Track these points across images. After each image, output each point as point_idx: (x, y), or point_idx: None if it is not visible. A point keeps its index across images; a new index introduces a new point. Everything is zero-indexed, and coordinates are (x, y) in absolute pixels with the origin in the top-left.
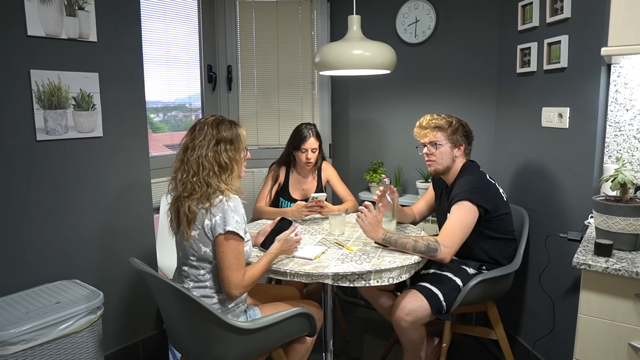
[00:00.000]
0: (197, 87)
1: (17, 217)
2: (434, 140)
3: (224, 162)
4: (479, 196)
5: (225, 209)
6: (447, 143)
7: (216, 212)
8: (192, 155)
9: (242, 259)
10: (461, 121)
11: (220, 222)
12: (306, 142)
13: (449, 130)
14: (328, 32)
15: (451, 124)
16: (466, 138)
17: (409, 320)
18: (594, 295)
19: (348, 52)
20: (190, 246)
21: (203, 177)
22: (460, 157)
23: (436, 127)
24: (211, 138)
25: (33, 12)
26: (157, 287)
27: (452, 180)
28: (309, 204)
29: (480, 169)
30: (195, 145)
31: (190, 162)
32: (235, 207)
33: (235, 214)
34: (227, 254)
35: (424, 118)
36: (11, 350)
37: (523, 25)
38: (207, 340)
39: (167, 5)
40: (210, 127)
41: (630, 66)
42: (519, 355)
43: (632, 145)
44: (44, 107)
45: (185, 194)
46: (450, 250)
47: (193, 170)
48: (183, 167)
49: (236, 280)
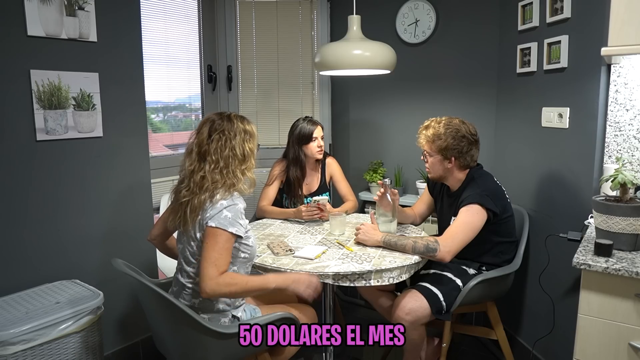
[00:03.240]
0: (197, 87)
1: (17, 217)
2: (425, 150)
3: (246, 153)
4: (489, 200)
5: (223, 203)
6: (436, 155)
7: (213, 207)
8: (224, 148)
9: (225, 256)
10: (455, 131)
11: (213, 214)
12: (315, 131)
13: (437, 142)
14: (328, 32)
15: (439, 136)
16: (458, 151)
17: (409, 320)
18: (594, 295)
19: (348, 52)
20: (198, 245)
21: (232, 169)
22: (456, 168)
23: (424, 137)
24: (240, 130)
25: (33, 12)
26: (138, 290)
27: (457, 187)
28: (310, 207)
29: (488, 173)
30: (227, 137)
31: (221, 155)
32: (233, 204)
33: (229, 211)
34: (209, 247)
35: (423, 124)
36: (11, 350)
37: (523, 25)
38: (188, 343)
39: (167, 5)
40: (237, 120)
41: (630, 66)
42: (519, 355)
43: (632, 145)
44: (44, 107)
45: (207, 185)
46: (450, 250)
47: (223, 163)
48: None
49: (210, 273)
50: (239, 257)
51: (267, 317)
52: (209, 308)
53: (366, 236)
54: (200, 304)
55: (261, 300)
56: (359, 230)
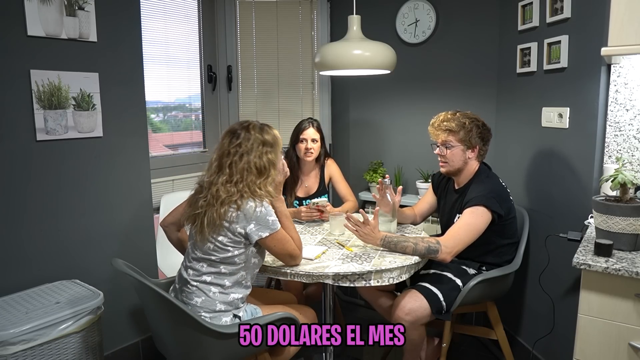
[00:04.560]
0: (197, 87)
1: (17, 217)
2: (446, 141)
3: (263, 165)
4: (495, 202)
5: (259, 215)
6: (459, 145)
7: (250, 220)
8: (240, 161)
9: (288, 241)
10: (476, 121)
11: (255, 229)
12: (304, 132)
13: (462, 132)
14: (328, 32)
15: (464, 125)
16: (481, 139)
17: (409, 320)
18: (594, 295)
19: (348, 52)
20: (214, 248)
21: (247, 183)
22: (474, 159)
23: (447, 129)
24: (258, 142)
25: (33, 12)
26: (138, 290)
27: (464, 182)
28: (310, 209)
29: (495, 174)
30: (243, 151)
31: (237, 168)
32: (267, 210)
33: (268, 215)
34: (277, 248)
35: (437, 117)
36: (11, 350)
37: (523, 25)
38: (188, 343)
39: (167, 5)
40: (255, 131)
41: (630, 66)
42: (519, 355)
43: (632, 145)
44: (44, 107)
45: (224, 198)
46: (452, 251)
47: (239, 176)
48: (224, 171)
49: (294, 253)
50: (250, 263)
51: (268, 317)
52: (210, 307)
53: (365, 237)
54: (203, 302)
55: (262, 300)
56: (359, 228)
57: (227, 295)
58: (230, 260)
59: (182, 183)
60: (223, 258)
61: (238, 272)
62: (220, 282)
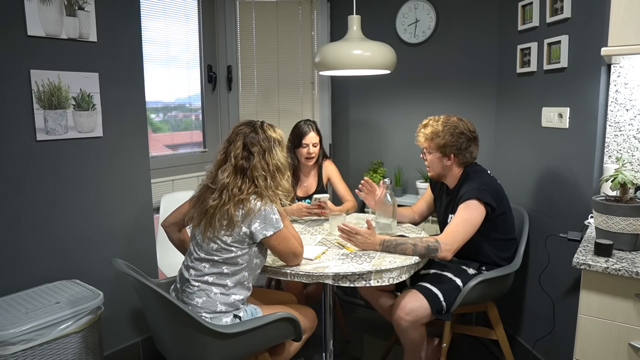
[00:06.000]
0: (197, 87)
1: (17, 217)
2: (426, 147)
3: (282, 164)
4: (486, 194)
5: (264, 214)
6: (435, 152)
7: (254, 218)
8: (262, 160)
9: (291, 240)
10: (453, 129)
11: (259, 227)
12: (306, 137)
13: (436, 140)
14: (328, 32)
15: (437, 134)
16: (457, 148)
17: (409, 320)
18: (594, 295)
19: (348, 52)
20: (218, 249)
21: (268, 183)
22: (455, 165)
23: (424, 136)
24: (274, 142)
25: (33, 12)
26: (138, 290)
27: (453, 185)
28: (312, 204)
29: (483, 169)
30: (261, 150)
31: (257, 168)
32: (271, 208)
33: (272, 214)
34: (281, 246)
35: (422, 123)
36: (11, 350)
37: (523, 25)
38: (188, 343)
39: (167, 5)
40: (269, 129)
41: (630, 66)
42: (519, 355)
43: (632, 145)
44: (44, 107)
45: (242, 198)
46: (451, 248)
47: (260, 174)
48: (245, 172)
49: (297, 251)
50: (252, 264)
51: (268, 317)
52: (211, 308)
53: (363, 244)
54: (204, 303)
55: (262, 300)
56: (356, 236)
57: (229, 297)
58: (233, 260)
59: (182, 183)
60: (226, 258)
61: (240, 272)
62: (222, 283)
